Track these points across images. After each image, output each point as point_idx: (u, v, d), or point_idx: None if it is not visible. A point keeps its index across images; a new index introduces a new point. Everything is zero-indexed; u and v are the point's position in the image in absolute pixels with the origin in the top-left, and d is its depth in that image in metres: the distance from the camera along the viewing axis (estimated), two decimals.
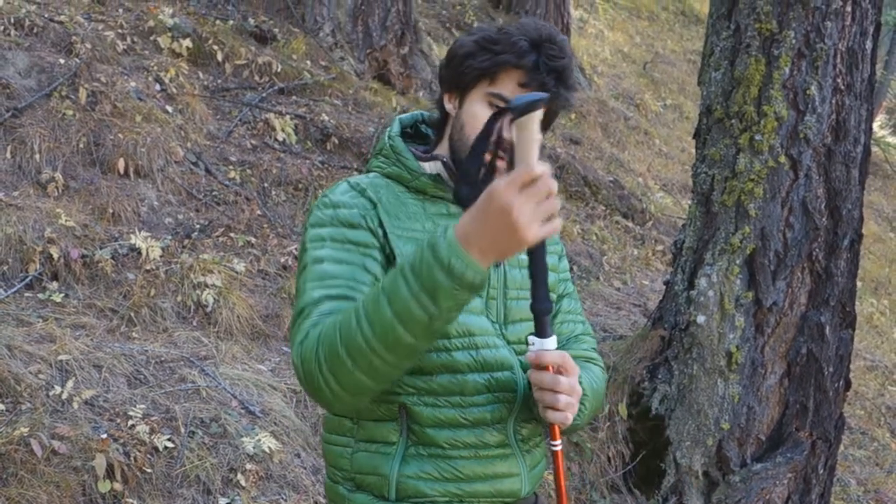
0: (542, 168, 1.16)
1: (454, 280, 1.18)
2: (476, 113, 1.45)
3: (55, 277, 3.68)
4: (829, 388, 3.36)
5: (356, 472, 1.46)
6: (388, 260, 1.42)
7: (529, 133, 1.21)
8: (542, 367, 1.35)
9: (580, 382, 1.43)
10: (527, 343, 1.37)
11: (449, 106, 1.52)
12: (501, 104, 1.43)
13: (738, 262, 3.34)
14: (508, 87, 1.43)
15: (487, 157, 1.38)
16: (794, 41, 3.25)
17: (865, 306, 8.39)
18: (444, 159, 1.50)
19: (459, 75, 1.48)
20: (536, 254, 1.31)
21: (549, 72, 1.42)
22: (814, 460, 3.39)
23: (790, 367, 3.35)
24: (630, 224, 7.16)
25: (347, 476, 1.48)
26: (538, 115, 1.22)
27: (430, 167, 1.51)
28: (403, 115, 1.62)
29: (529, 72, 1.41)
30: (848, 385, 3.48)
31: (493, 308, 1.49)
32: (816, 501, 3.47)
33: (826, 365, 3.34)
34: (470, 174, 1.35)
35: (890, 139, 14.90)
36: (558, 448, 1.40)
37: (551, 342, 1.33)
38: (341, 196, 1.46)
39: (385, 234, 1.43)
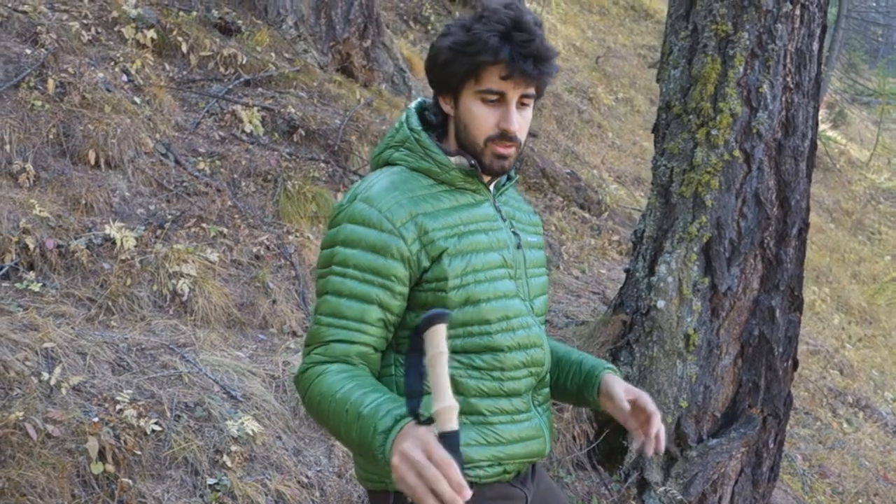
0: (451, 471, 1.22)
1: (381, 461, 1.35)
2: (472, 111, 1.56)
3: (31, 267, 3.71)
4: (778, 368, 3.60)
5: None
6: (438, 256, 1.53)
7: (435, 347, 1.27)
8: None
9: None
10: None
11: (446, 107, 1.62)
12: (494, 98, 1.54)
13: (695, 249, 3.55)
14: (494, 81, 1.53)
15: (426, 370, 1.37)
16: (747, 42, 3.46)
17: (808, 294, 8.76)
18: (472, 162, 1.61)
19: (445, 81, 1.58)
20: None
21: (525, 59, 1.50)
22: (765, 435, 3.62)
23: (743, 347, 3.57)
24: (587, 215, 7.38)
25: None
26: (442, 328, 1.27)
27: (456, 160, 1.61)
28: (413, 106, 1.69)
29: (508, 65, 1.50)
30: (796, 364, 3.72)
31: (522, 288, 1.65)
32: (767, 474, 3.71)
33: (776, 346, 3.57)
34: (413, 389, 1.36)
35: (830, 133, 15.47)
36: None
37: None
38: (379, 206, 1.52)
39: (429, 240, 1.52)
